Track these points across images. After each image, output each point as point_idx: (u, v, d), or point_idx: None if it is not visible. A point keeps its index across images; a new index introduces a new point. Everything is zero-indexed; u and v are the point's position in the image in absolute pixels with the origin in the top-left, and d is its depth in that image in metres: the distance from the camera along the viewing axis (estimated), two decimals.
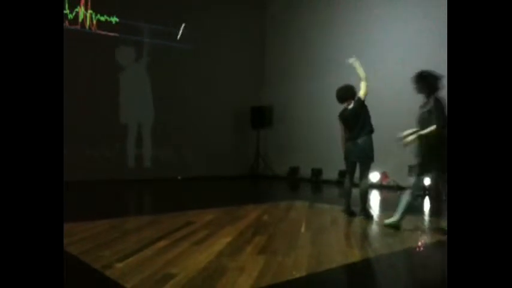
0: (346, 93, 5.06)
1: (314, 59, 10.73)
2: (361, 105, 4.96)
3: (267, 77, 12.11)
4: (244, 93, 11.52)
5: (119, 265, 2.84)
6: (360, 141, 4.91)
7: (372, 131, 4.96)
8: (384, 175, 8.90)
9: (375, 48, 9.40)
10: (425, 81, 4.16)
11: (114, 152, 9.43)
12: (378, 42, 9.38)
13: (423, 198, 7.25)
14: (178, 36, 10.36)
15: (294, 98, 11.11)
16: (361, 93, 4.99)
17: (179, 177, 10.16)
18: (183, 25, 10.32)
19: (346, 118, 5.06)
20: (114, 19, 9.30)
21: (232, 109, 11.40)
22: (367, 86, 4.96)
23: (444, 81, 4.00)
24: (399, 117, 8.54)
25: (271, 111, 11.39)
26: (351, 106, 5.01)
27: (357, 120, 4.94)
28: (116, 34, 9.35)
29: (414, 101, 4.41)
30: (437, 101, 4.03)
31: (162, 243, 3.46)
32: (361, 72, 5.01)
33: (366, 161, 4.98)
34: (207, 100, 10.76)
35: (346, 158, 5.13)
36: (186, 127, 10.47)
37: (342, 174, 9.31)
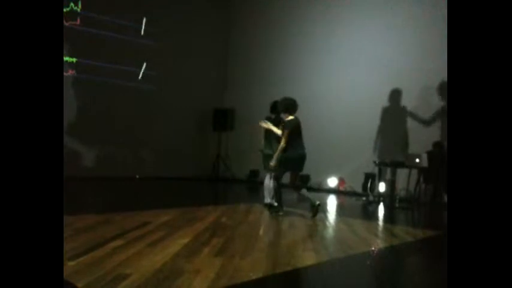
0: (291, 104, 5.40)
1: (277, 64, 10.83)
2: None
3: (231, 80, 12.11)
4: (207, 95, 11.48)
5: (71, 263, 2.74)
6: (305, 152, 5.31)
7: None
8: (342, 181, 9.09)
9: (335, 56, 9.62)
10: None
11: (72, 148, 9.11)
12: (338, 49, 9.60)
13: (377, 204, 7.46)
14: (142, 32, 10.19)
15: (256, 102, 11.15)
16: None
17: (137, 176, 9.95)
18: (144, 19, 10.15)
19: (296, 128, 5.32)
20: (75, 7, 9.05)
21: (194, 111, 11.31)
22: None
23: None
24: (355, 127, 8.74)
25: (233, 114, 11.38)
26: (291, 118, 5.34)
27: (300, 133, 5.37)
28: (74, 23, 9.09)
29: (370, 112, 4.54)
30: None
31: (116, 243, 3.37)
32: (276, 130, 5.53)
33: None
34: (170, 100, 10.63)
35: (286, 165, 5.34)
36: (146, 126, 10.28)
37: (302, 178, 9.43)
